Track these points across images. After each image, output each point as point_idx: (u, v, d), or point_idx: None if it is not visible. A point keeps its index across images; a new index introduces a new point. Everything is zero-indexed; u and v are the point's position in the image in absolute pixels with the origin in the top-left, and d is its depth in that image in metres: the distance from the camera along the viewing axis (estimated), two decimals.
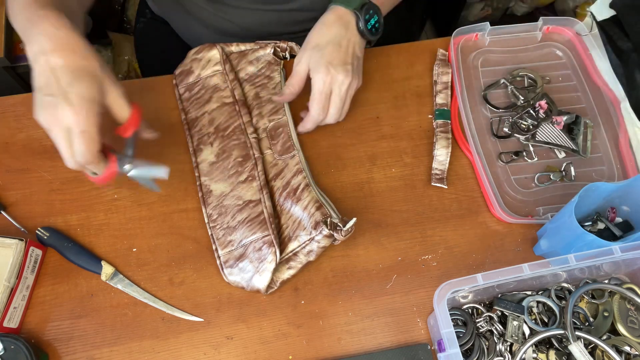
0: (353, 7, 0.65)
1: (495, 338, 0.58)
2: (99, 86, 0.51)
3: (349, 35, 0.64)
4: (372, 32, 0.67)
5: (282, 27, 0.79)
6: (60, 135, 0.49)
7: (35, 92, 0.49)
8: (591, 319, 0.59)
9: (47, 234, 0.63)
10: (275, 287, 0.61)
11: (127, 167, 0.57)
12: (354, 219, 0.58)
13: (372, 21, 0.66)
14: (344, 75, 0.63)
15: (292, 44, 0.72)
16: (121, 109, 0.53)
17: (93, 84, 0.50)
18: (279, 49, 0.72)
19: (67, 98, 0.48)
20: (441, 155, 0.68)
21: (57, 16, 0.50)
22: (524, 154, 0.69)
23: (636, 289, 0.59)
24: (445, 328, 0.51)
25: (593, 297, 0.60)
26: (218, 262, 0.62)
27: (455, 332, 0.52)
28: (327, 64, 0.62)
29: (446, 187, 0.68)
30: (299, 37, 0.82)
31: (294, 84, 0.66)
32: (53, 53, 0.49)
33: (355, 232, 0.65)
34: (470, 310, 0.60)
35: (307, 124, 0.67)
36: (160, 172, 0.58)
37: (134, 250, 0.64)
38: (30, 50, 0.50)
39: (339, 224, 0.59)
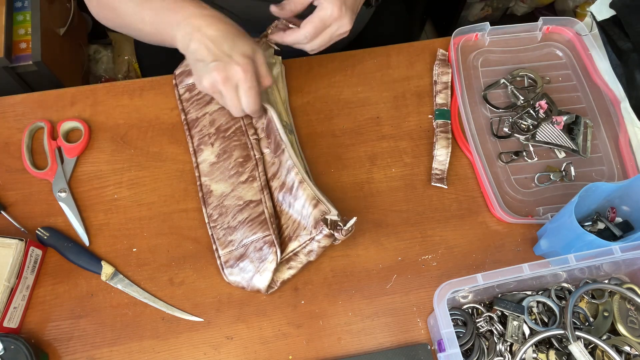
0: None
1: (495, 338, 0.58)
2: (252, 44, 0.58)
3: None
4: None
5: None
6: (231, 91, 0.57)
7: (196, 66, 0.58)
8: (591, 319, 0.59)
9: (47, 234, 0.63)
10: (276, 287, 0.61)
11: (62, 194, 0.65)
12: (354, 218, 0.58)
13: None
14: (349, 20, 0.61)
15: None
16: (266, 73, 0.60)
17: (249, 42, 0.58)
18: (274, 46, 0.71)
19: (233, 59, 0.55)
20: (441, 155, 0.68)
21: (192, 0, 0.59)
22: (524, 154, 0.69)
23: (636, 289, 0.59)
24: (445, 328, 0.51)
25: (593, 297, 0.60)
26: (218, 262, 0.62)
27: (455, 332, 0.52)
28: (339, 2, 0.59)
29: (446, 187, 0.68)
30: None
31: (297, 3, 0.62)
32: (207, 27, 0.56)
33: (355, 232, 0.65)
34: (470, 310, 0.60)
35: (286, 38, 0.64)
36: (82, 234, 0.64)
37: (134, 250, 0.64)
38: (180, 32, 0.58)
39: (339, 223, 0.58)
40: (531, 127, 0.70)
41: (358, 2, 0.63)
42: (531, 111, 0.71)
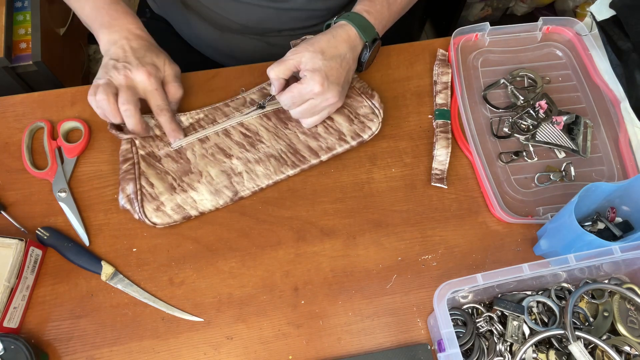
0: (366, 39, 0.65)
1: (495, 338, 0.58)
2: (167, 59, 0.66)
3: (349, 58, 0.64)
4: (364, 67, 0.69)
5: (280, 24, 0.79)
6: (126, 91, 0.60)
7: (107, 64, 0.62)
8: (591, 319, 0.59)
9: (47, 234, 0.63)
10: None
11: (62, 194, 0.66)
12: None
13: (371, 57, 0.68)
14: (333, 94, 0.62)
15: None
16: (176, 87, 0.66)
17: (164, 57, 0.66)
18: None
19: (140, 64, 0.61)
20: (441, 155, 0.68)
21: (133, 15, 0.66)
22: (524, 154, 0.69)
23: (636, 289, 0.59)
24: (445, 328, 0.51)
25: (593, 297, 0.60)
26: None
27: (455, 332, 0.52)
28: (325, 75, 0.61)
29: (446, 187, 0.68)
30: (298, 34, 0.82)
31: (280, 74, 0.63)
32: (134, 40, 0.63)
33: (355, 232, 0.65)
34: (470, 310, 0.60)
35: (278, 98, 0.65)
36: (82, 234, 0.64)
37: (134, 250, 0.64)
38: (107, 37, 0.64)
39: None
40: (531, 127, 0.70)
41: (344, 75, 0.64)
42: (531, 111, 0.71)
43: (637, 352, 0.56)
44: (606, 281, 0.60)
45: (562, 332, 0.56)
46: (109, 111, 0.61)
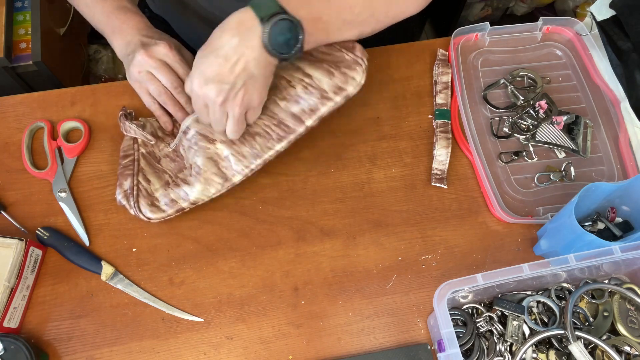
0: (260, 15, 0.52)
1: (495, 338, 0.58)
2: (177, 44, 0.67)
3: (243, 48, 0.53)
4: (283, 51, 0.53)
5: None
6: (162, 67, 0.62)
7: (129, 59, 0.64)
8: (591, 319, 0.59)
9: (47, 234, 0.63)
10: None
11: (62, 194, 0.66)
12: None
13: (282, 38, 0.53)
14: (216, 94, 0.54)
15: None
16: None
17: (173, 40, 0.66)
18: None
19: (157, 42, 0.63)
20: (441, 155, 0.68)
21: (141, 15, 0.67)
22: (524, 154, 0.69)
23: (636, 289, 0.59)
24: (445, 328, 0.51)
25: (593, 297, 0.60)
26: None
27: (455, 332, 0.52)
28: (200, 75, 0.54)
29: (446, 187, 0.68)
30: None
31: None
32: (145, 32, 0.65)
33: (355, 232, 0.65)
34: (470, 310, 0.60)
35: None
36: (82, 234, 0.64)
37: (134, 250, 0.64)
38: (123, 38, 0.66)
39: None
40: (531, 127, 0.70)
41: (237, 69, 0.53)
42: (531, 111, 0.71)
43: (637, 352, 0.56)
44: (606, 281, 0.60)
45: (562, 332, 0.56)
46: (169, 98, 0.64)
